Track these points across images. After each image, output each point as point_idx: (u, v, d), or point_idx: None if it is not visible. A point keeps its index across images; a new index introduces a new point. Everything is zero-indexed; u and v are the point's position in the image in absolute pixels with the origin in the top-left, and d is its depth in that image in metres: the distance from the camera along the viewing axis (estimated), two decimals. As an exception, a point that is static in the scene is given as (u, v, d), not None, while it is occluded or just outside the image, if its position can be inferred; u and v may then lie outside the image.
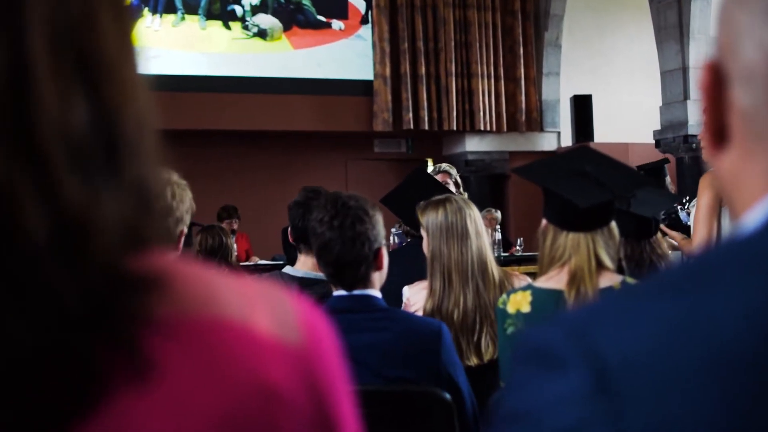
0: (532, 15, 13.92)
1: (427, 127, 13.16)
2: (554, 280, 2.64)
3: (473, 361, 3.33)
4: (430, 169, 7.10)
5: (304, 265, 3.62)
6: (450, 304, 3.44)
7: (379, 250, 2.84)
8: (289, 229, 3.69)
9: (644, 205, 3.26)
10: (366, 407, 0.97)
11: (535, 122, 13.99)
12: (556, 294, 2.60)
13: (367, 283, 2.82)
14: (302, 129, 12.94)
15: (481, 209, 13.41)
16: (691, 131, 11.50)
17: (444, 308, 3.45)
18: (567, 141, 14.03)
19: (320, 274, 3.52)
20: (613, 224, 2.66)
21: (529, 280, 3.73)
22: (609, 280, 2.60)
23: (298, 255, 3.67)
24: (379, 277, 2.87)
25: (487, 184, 13.64)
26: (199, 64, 12.40)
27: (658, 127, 12.09)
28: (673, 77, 11.67)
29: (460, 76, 13.40)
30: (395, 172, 14.10)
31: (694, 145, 11.55)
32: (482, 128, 13.47)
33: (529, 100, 13.91)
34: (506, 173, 13.79)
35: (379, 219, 2.87)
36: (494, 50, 13.64)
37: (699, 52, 11.49)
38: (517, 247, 9.99)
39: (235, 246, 10.00)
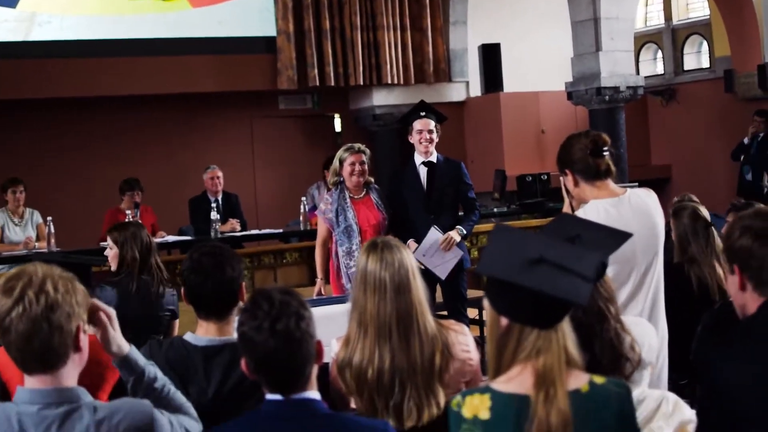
0: (437, -38, 13.53)
1: (333, 83, 12.74)
2: (516, 381, 2.31)
3: (392, 425, 3.03)
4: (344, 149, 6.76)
5: (207, 332, 3.26)
6: (363, 358, 3.19)
7: (319, 342, 2.53)
8: (182, 291, 3.32)
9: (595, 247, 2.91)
10: None
11: (443, 73, 13.69)
12: (520, 399, 2.29)
13: (306, 384, 2.48)
14: (204, 90, 12.38)
15: (389, 164, 13.00)
16: (603, 83, 11.35)
17: (356, 362, 3.20)
18: (476, 91, 13.77)
19: (225, 338, 3.23)
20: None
21: (466, 331, 3.41)
22: (576, 380, 2.32)
23: (199, 320, 3.30)
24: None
25: (397, 137, 13.26)
26: (93, 28, 11.68)
27: (569, 76, 11.90)
28: (585, 28, 11.45)
29: (366, 29, 12.98)
30: (302, 128, 13.69)
31: (607, 96, 11.42)
32: (389, 81, 13.12)
33: (436, 50, 13.58)
34: (415, 126, 13.46)
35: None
36: (399, 0, 13.22)
37: (610, 3, 11.29)
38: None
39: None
